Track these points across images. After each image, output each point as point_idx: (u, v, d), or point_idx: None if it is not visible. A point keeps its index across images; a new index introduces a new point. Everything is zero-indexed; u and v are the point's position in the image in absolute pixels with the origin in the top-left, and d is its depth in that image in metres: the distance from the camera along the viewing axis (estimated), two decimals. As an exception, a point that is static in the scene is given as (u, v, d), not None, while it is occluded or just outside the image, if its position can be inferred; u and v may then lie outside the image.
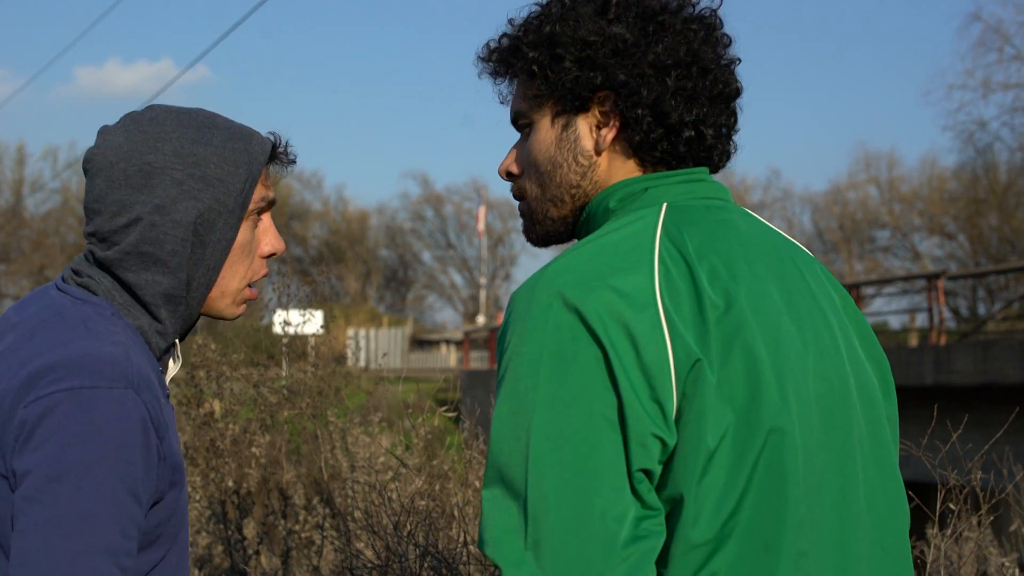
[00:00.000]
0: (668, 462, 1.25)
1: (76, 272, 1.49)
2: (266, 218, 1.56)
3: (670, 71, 1.41)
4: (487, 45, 1.54)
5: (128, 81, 67.49)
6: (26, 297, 1.53)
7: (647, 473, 1.23)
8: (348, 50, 73.50)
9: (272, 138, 1.56)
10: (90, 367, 1.33)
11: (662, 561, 1.25)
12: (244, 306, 1.57)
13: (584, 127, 1.46)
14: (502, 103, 1.57)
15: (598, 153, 1.46)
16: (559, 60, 1.44)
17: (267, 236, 1.56)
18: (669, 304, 1.26)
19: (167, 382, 1.54)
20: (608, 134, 1.45)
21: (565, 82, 1.44)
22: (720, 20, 1.48)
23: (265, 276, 1.58)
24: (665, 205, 1.39)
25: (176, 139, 1.46)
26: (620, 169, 1.46)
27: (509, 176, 1.55)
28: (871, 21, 65.40)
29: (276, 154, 1.56)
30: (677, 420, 1.24)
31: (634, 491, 1.22)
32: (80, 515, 1.27)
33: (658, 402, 1.23)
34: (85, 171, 1.48)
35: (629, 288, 1.26)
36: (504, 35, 1.52)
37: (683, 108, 1.41)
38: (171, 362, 1.56)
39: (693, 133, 1.43)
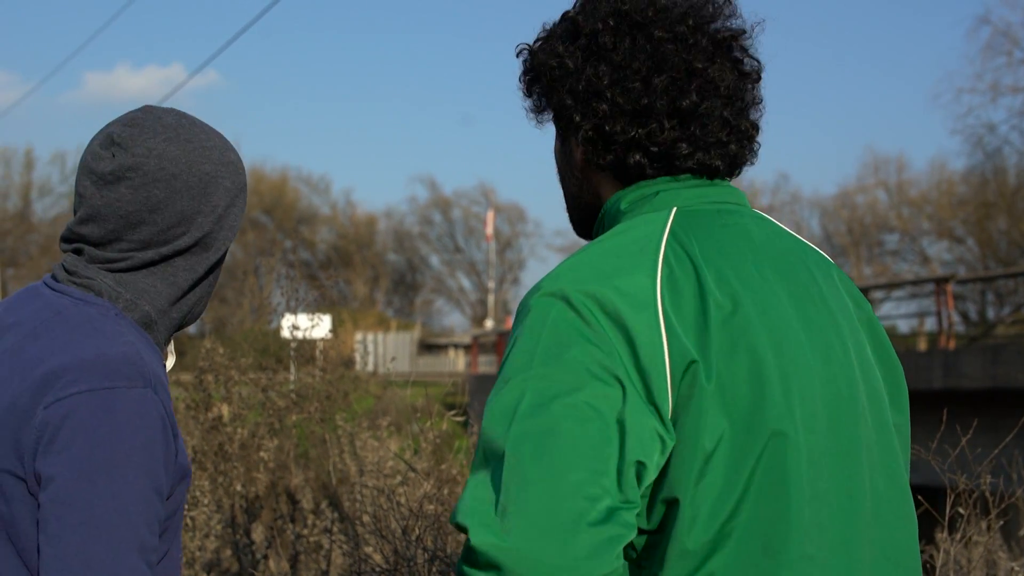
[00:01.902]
0: (665, 465, 1.25)
1: (71, 272, 1.46)
2: None
3: (604, 92, 1.41)
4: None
5: (137, 86, 67.75)
6: (12, 298, 1.51)
7: (641, 465, 1.23)
8: (356, 54, 73.76)
9: None
10: (106, 368, 1.34)
11: (658, 563, 1.25)
12: None
13: (574, 143, 1.49)
14: None
15: (579, 170, 1.50)
16: (535, 82, 1.51)
17: None
18: (669, 306, 1.27)
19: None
20: (579, 153, 1.48)
21: (540, 103, 1.52)
22: (704, 23, 1.42)
23: None
24: (675, 209, 1.40)
25: (217, 146, 1.50)
26: (607, 184, 1.48)
27: None
28: (880, 24, 65.43)
29: None
30: (674, 422, 1.25)
31: (619, 481, 1.21)
32: (115, 513, 1.28)
33: (654, 404, 1.24)
34: (125, 178, 1.42)
35: (630, 288, 1.28)
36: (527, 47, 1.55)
37: (625, 126, 1.40)
38: (169, 356, 1.58)
39: (640, 155, 1.41)
